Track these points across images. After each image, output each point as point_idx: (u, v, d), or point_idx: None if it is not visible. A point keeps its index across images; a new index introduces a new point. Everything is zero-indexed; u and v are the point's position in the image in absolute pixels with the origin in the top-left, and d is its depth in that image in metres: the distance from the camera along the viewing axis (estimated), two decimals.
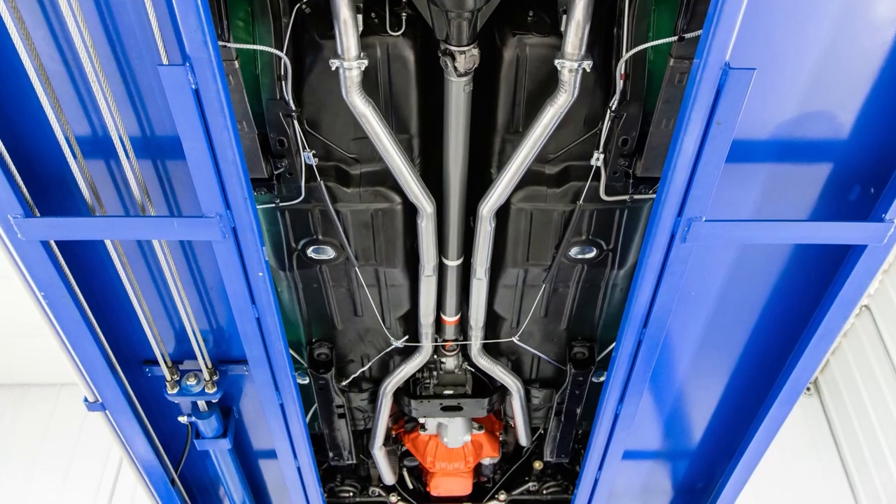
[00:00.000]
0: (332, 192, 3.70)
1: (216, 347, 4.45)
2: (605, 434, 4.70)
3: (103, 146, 3.30)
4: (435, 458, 6.02)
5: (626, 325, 3.89)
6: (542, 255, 4.08)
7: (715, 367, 4.64)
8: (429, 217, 3.74)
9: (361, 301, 4.43)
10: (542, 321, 4.66)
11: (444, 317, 4.56)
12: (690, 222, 3.26)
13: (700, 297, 4.12)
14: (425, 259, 4.01)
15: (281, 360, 4.08)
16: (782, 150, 3.36)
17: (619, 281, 4.29)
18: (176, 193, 3.51)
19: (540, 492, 6.61)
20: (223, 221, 3.24)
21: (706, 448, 5.35)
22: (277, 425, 4.57)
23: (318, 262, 4.11)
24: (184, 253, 3.84)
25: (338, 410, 5.25)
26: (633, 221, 3.89)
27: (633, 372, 4.16)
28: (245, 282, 3.57)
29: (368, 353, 4.93)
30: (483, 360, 4.85)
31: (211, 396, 4.51)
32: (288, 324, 4.52)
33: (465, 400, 5.26)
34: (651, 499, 5.96)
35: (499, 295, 4.41)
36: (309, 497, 5.37)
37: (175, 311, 4.14)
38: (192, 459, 5.35)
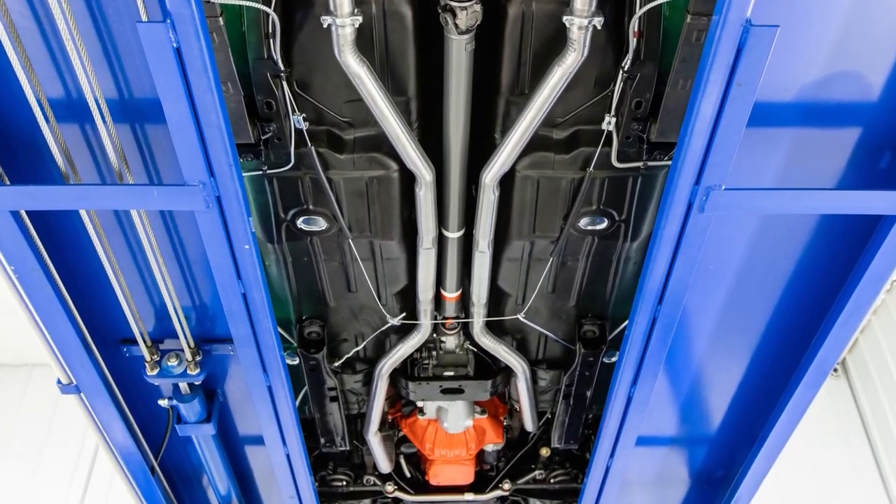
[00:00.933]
0: (324, 158, 3.72)
1: (199, 325, 4.49)
2: (617, 419, 4.75)
3: (78, 109, 3.32)
4: (434, 444, 6.06)
5: (639, 301, 3.93)
6: (550, 226, 4.10)
7: (735, 346, 4.69)
8: (427, 185, 3.76)
9: (355, 276, 4.47)
10: (550, 297, 4.69)
11: (444, 293, 4.60)
12: (709, 191, 3.28)
13: (719, 272, 4.15)
14: (424, 230, 4.03)
15: (269, 339, 4.11)
16: (807, 113, 3.39)
17: (632, 254, 4.32)
18: (156, 160, 3.54)
19: (547, 480, 6.66)
20: (206, 190, 3.26)
21: (726, 434, 5.41)
22: (265, 409, 4.62)
23: (308, 233, 4.14)
24: (164, 224, 3.88)
25: (330, 393, 5.28)
26: (648, 190, 3.91)
27: (648, 352, 4.20)
28: (230, 255, 3.60)
29: (363, 332, 4.97)
30: (486, 339, 4.89)
31: (193, 378, 4.55)
32: (276, 300, 4.54)
33: (467, 382, 5.30)
34: (666, 488, 6.01)
35: (503, 269, 4.44)
36: (299, 486, 5.42)
37: (155, 287, 4.18)
38: (174, 446, 5.39)
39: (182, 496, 5.91)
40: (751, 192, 3.38)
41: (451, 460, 6.26)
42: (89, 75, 3.14)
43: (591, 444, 5.62)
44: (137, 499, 5.48)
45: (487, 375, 5.35)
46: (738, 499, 5.52)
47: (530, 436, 6.48)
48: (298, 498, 5.56)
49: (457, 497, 6.84)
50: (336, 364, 5.13)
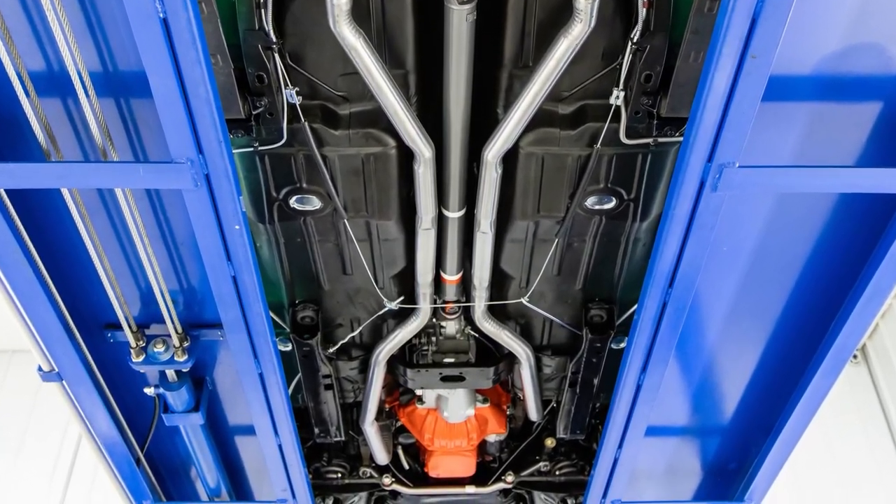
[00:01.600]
0: (318, 134, 3.74)
1: (187, 310, 4.51)
2: (626, 408, 4.77)
3: (60, 83, 3.33)
4: (434, 434, 6.09)
5: (649, 284, 3.95)
6: (555, 205, 4.12)
7: (750, 331, 4.71)
8: (427, 162, 3.77)
9: (351, 257, 4.49)
10: (555, 280, 4.72)
11: (444, 275, 4.61)
12: (722, 168, 3.30)
13: (733, 254, 4.18)
14: (423, 210, 4.04)
15: (260, 324, 4.13)
16: (825, 87, 3.40)
17: (641, 235, 4.33)
18: (142, 136, 3.56)
19: (552, 472, 6.68)
20: (195, 167, 3.27)
21: (740, 424, 5.43)
22: (256, 398, 4.64)
23: (302, 213, 4.15)
24: (150, 203, 3.90)
25: (324, 381, 5.31)
26: (658, 167, 3.92)
27: (658, 337, 4.22)
28: (219, 236, 3.62)
29: (359, 317, 5.00)
30: (488, 324, 4.90)
31: (181, 365, 4.58)
32: (268, 283, 4.56)
33: (468, 369, 5.33)
34: (677, 481, 6.04)
35: (506, 250, 4.46)
36: (291, 478, 5.45)
37: (141, 269, 4.20)
38: (160, 436, 5.42)
39: (169, 489, 5.94)
40: (766, 169, 3.39)
41: (451, 451, 6.29)
42: (72, 47, 3.15)
43: (599, 435, 5.64)
44: (122, 491, 5.51)
45: (490, 362, 5.37)
46: (753, 492, 5.54)
47: (534, 426, 6.51)
48: (291, 491, 5.59)
49: (457, 490, 6.86)
50: (331, 350, 5.15)
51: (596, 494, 5.67)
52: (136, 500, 5.60)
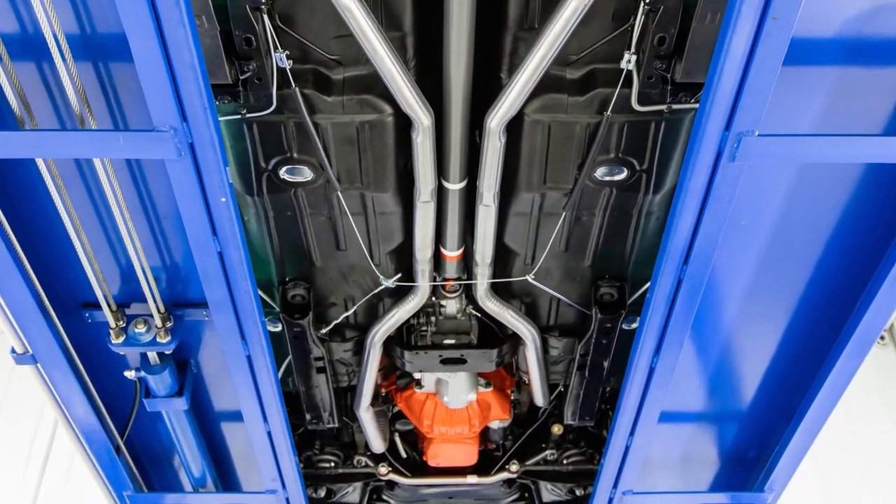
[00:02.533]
0: (310, 100, 3.75)
1: (170, 288, 4.54)
2: (638, 392, 4.81)
3: (34, 46, 3.35)
4: (433, 421, 6.12)
5: (663, 260, 3.97)
6: (563, 176, 4.13)
7: (770, 311, 4.74)
8: (425, 131, 3.76)
9: (345, 232, 4.51)
10: (563, 256, 4.74)
11: (444, 251, 4.63)
12: (740, 137, 3.32)
13: (752, 228, 4.20)
14: (421, 182, 4.04)
15: (248, 303, 4.16)
16: (851, 50, 3.41)
17: (654, 208, 4.34)
18: (122, 103, 3.57)
19: (559, 461, 6.72)
20: (178, 136, 3.29)
21: (759, 410, 5.46)
22: (244, 381, 4.68)
23: (292, 184, 4.17)
24: (131, 175, 3.91)
25: (316, 364, 5.34)
26: (672, 136, 3.93)
27: (672, 317, 4.25)
28: (204, 209, 3.64)
29: (353, 295, 5.03)
30: (491, 303, 4.92)
31: (163, 347, 4.60)
32: (257, 259, 4.59)
33: (470, 351, 5.36)
34: (693, 470, 6.07)
35: (510, 225, 4.48)
36: (281, 467, 5.48)
37: (121, 245, 4.23)
38: (142, 423, 5.45)
39: (151, 479, 5.98)
40: (787, 138, 3.41)
41: (451, 439, 6.33)
42: (47, 7, 3.15)
43: (609, 421, 5.66)
44: (101, 482, 5.54)
45: (493, 344, 5.40)
46: (774, 481, 5.58)
47: (541, 411, 6.55)
48: (281, 480, 5.62)
49: (458, 480, 6.90)
50: (323, 331, 5.18)
51: (606, 484, 5.71)
52: (116, 491, 5.63)
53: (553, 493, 7.11)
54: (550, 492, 7.10)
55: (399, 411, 6.41)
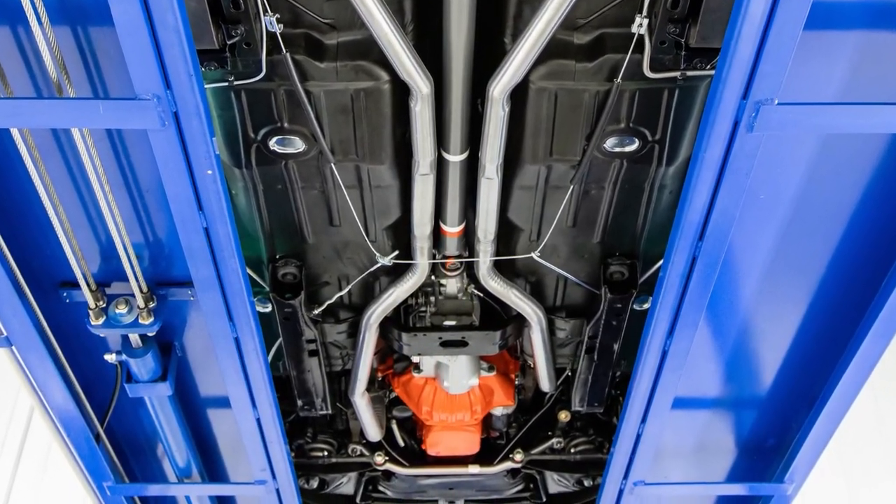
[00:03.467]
0: (302, 67, 3.75)
1: (153, 266, 4.56)
2: (651, 377, 4.84)
3: (7, 8, 3.35)
4: (432, 407, 6.16)
5: (676, 237, 3.99)
6: (570, 147, 4.14)
7: (791, 291, 4.76)
8: (424, 99, 3.77)
9: (339, 206, 4.53)
10: (570, 232, 4.76)
11: (443, 227, 4.65)
12: (759, 106, 3.32)
13: (771, 202, 4.22)
14: (420, 153, 4.05)
15: (236, 282, 4.18)
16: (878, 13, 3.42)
17: (667, 181, 4.36)
18: (102, 70, 3.58)
19: (566, 450, 6.76)
20: (162, 105, 3.29)
21: (779, 395, 5.49)
22: (231, 365, 4.71)
23: (283, 156, 4.17)
24: (112, 146, 3.93)
25: (308, 346, 5.37)
26: (686, 105, 3.94)
27: (686, 297, 4.27)
28: (190, 182, 3.65)
29: (347, 274, 5.05)
30: (494, 282, 4.94)
31: (146, 328, 4.62)
32: (245, 236, 4.60)
33: (472, 333, 5.38)
34: (708, 459, 6.11)
35: (514, 199, 4.50)
36: (271, 456, 5.52)
37: (101, 220, 4.24)
38: (123, 409, 5.49)
39: (132, 468, 6.02)
40: (809, 107, 3.41)
41: (452, 426, 6.36)
42: None
43: (619, 408, 5.70)
44: (79, 471, 5.58)
45: (496, 325, 5.42)
46: (794, 471, 5.63)
47: (547, 397, 6.59)
48: (271, 471, 5.66)
49: (459, 470, 6.92)
50: (316, 312, 5.20)
51: (616, 475, 5.75)
52: (96, 482, 5.67)
53: (560, 483, 7.14)
54: (557, 482, 7.14)
55: (396, 397, 6.44)
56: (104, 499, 5.84)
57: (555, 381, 5.94)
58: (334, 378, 6.09)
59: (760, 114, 3.34)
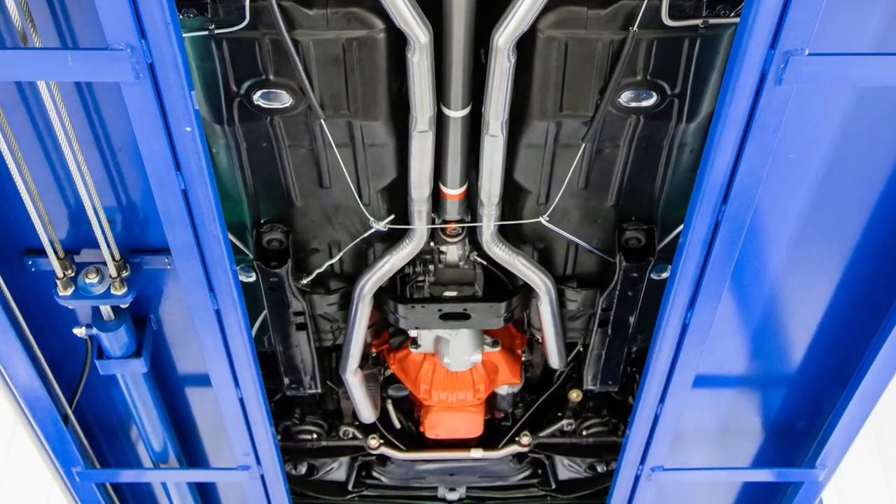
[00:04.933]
0: (289, 14, 3.75)
1: (126, 231, 4.58)
2: (670, 352, 4.89)
3: None
4: (431, 385, 6.20)
5: (698, 200, 4.02)
6: (581, 102, 4.15)
7: (822, 259, 4.78)
8: (423, 49, 3.78)
9: (329, 167, 4.55)
10: (582, 195, 4.78)
11: (444, 189, 4.67)
12: (788, 56, 3.34)
13: (802, 162, 4.24)
14: (418, 108, 4.06)
15: (216, 249, 4.22)
16: None
17: (688, 139, 4.37)
18: (70, 17, 3.59)
19: (578, 432, 6.80)
20: (136, 55, 3.31)
21: (810, 373, 5.54)
22: (212, 340, 4.75)
23: (268, 112, 4.18)
24: (82, 100, 3.94)
25: (296, 319, 5.40)
26: (709, 56, 3.94)
27: (708, 265, 4.31)
28: (166, 140, 3.68)
29: (339, 240, 5.07)
30: (499, 248, 4.95)
31: (119, 300, 4.64)
32: (227, 199, 4.60)
33: (474, 304, 5.40)
34: (733, 442, 6.16)
35: (521, 158, 4.51)
36: (255, 439, 5.57)
37: (69, 182, 4.27)
38: (94, 388, 5.55)
39: (104, 452, 6.08)
40: (842, 57, 3.42)
41: (453, 406, 6.41)
42: None
43: (635, 386, 5.74)
44: (46, 456, 5.62)
45: (500, 296, 5.44)
46: (826, 456, 5.67)
47: (556, 375, 6.63)
48: (255, 455, 5.71)
49: (461, 454, 6.96)
50: (304, 281, 5.23)
51: (632, 460, 5.80)
52: (64, 467, 5.72)
53: (570, 469, 7.20)
54: (567, 468, 7.19)
55: (392, 375, 6.48)
56: (73, 486, 5.88)
57: (565, 358, 5.98)
58: (324, 354, 6.13)
59: (789, 65, 3.36)
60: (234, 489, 6.84)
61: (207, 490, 6.95)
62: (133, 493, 6.73)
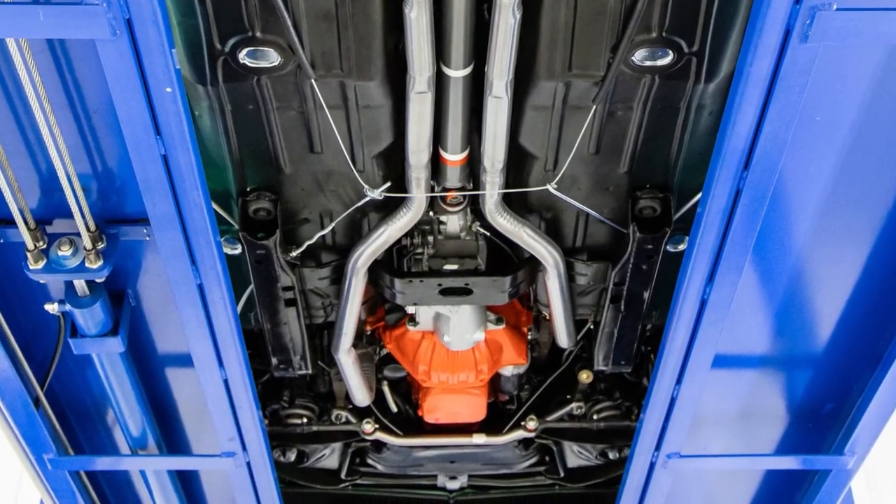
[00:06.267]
0: None
1: (102, 200, 4.59)
2: (687, 330, 4.92)
3: None
4: (431, 366, 6.23)
5: (717, 166, 4.05)
6: (592, 60, 4.16)
7: (851, 230, 4.80)
8: (421, 4, 3.78)
9: (320, 130, 4.55)
10: (593, 161, 4.79)
11: (444, 154, 4.68)
12: (814, 11, 3.35)
13: (829, 126, 4.25)
14: (416, 67, 4.06)
15: (199, 219, 4.25)
16: None
17: (706, 100, 4.37)
18: None
19: (588, 417, 6.82)
20: (112, 10, 3.32)
21: (838, 353, 5.57)
22: (194, 317, 4.79)
23: (255, 71, 4.19)
24: (54, 59, 3.95)
25: (285, 295, 5.43)
26: (729, 10, 3.93)
27: (729, 236, 4.34)
28: (145, 101, 3.69)
29: (331, 210, 5.09)
30: (503, 218, 4.97)
31: (94, 273, 4.66)
32: (211, 165, 4.59)
33: (477, 279, 5.41)
34: (755, 427, 6.21)
35: (527, 121, 4.52)
36: (241, 424, 5.62)
37: (41, 147, 4.26)
38: (67, 369, 5.58)
39: (78, 438, 6.12)
40: (873, 12, 3.42)
41: (453, 389, 6.43)
42: None
43: (650, 367, 5.77)
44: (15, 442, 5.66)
45: (505, 270, 5.47)
46: (856, 442, 5.71)
47: (565, 355, 6.66)
48: (240, 441, 5.75)
49: (462, 440, 6.98)
50: (294, 254, 5.24)
51: (646, 446, 5.85)
52: (35, 454, 5.77)
53: (580, 456, 7.23)
54: (577, 455, 7.22)
55: (388, 354, 6.51)
56: (44, 474, 5.92)
57: (574, 336, 6.01)
58: (315, 332, 6.17)
59: (816, 20, 3.38)
60: (218, 478, 6.86)
61: (189, 479, 6.98)
62: (109, 482, 6.77)
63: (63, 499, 6.21)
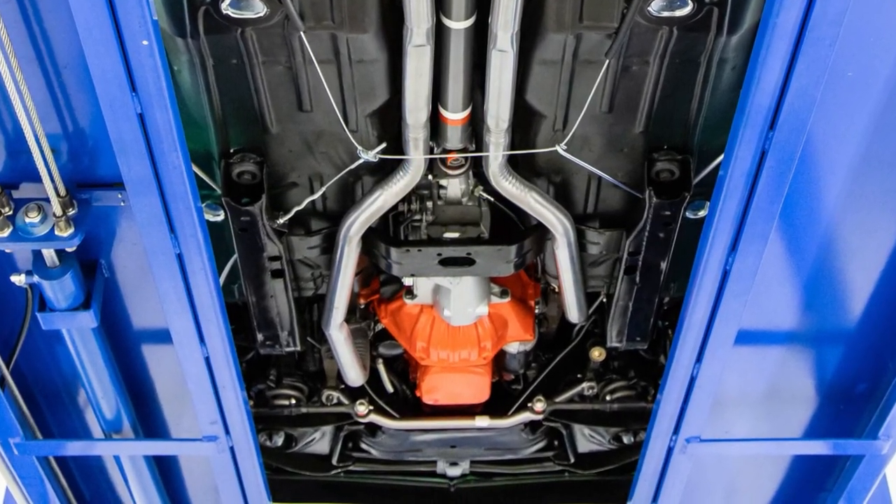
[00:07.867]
0: None
1: (73, 163, 4.61)
2: (708, 304, 4.95)
3: None
4: (429, 343, 6.25)
5: (741, 125, 4.07)
6: (605, 11, 4.17)
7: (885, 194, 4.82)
8: None
9: (310, 87, 4.57)
10: (605, 120, 4.81)
11: (443, 113, 4.67)
12: None
13: (862, 82, 4.27)
14: (414, 18, 4.04)
15: (178, 183, 4.27)
16: None
17: (729, 54, 4.39)
18: None
19: (601, 397, 6.87)
20: None
21: (871, 328, 5.59)
22: (173, 289, 4.81)
23: (239, 22, 4.19)
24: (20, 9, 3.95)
25: (271, 265, 5.44)
26: None
27: (753, 202, 4.36)
28: (120, 55, 3.71)
29: (321, 173, 5.11)
30: (508, 182, 4.97)
31: (65, 242, 4.68)
32: (191, 124, 4.61)
33: (480, 248, 5.43)
34: (782, 409, 6.25)
35: (534, 76, 4.54)
36: (224, 406, 5.65)
37: (7, 105, 4.28)
38: (35, 346, 5.61)
39: (47, 420, 6.16)
40: None
41: (454, 367, 6.46)
42: None
43: (668, 343, 5.81)
44: None
45: (510, 239, 5.48)
46: (891, 425, 5.75)
47: (575, 330, 6.69)
48: (223, 423, 5.79)
49: (464, 423, 7.01)
50: (281, 221, 5.25)
51: (664, 429, 5.88)
52: (0, 438, 5.80)
53: (592, 440, 7.24)
54: (588, 438, 7.23)
55: (383, 330, 6.54)
56: (10, 459, 5.95)
57: (586, 310, 6.04)
58: (304, 306, 6.21)
59: None
60: (199, 463, 6.89)
61: (168, 465, 7.02)
62: (81, 469, 6.80)
63: (30, 486, 6.23)
